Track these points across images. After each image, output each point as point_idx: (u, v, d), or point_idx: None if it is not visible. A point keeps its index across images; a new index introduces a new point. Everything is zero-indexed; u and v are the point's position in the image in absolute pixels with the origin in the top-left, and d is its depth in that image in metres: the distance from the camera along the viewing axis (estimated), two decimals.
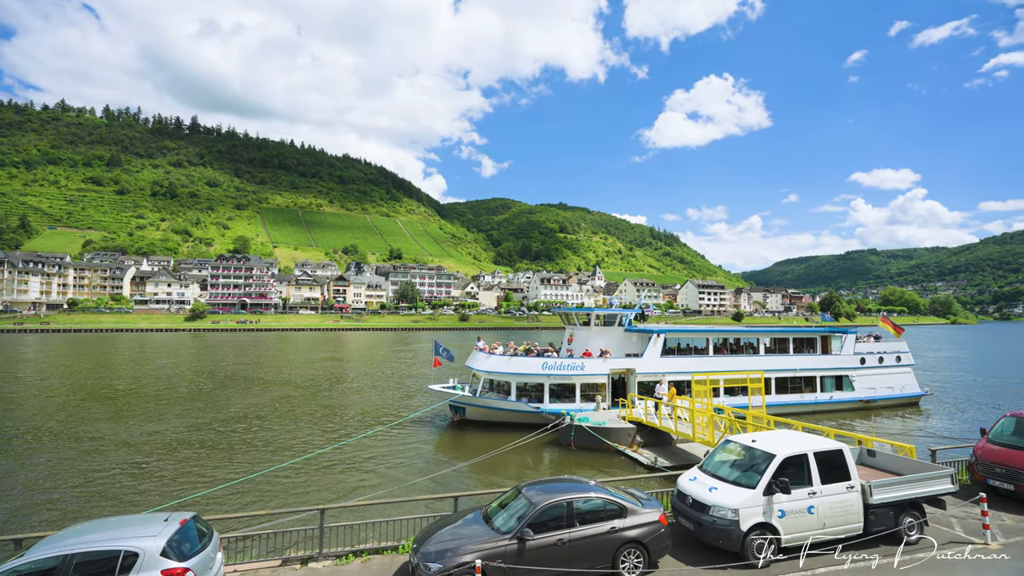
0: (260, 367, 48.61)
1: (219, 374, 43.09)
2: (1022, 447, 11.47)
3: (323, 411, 28.11)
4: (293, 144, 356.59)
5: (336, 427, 24.48)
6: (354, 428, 24.14)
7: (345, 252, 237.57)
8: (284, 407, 29.09)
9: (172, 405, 29.25)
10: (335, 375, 43.50)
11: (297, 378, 41.23)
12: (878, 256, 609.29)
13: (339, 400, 31.62)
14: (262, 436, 22.63)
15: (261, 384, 37.66)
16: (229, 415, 26.68)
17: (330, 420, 25.96)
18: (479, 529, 8.40)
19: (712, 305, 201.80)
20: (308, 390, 35.39)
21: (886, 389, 29.00)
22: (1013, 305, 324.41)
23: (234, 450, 20.40)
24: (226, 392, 33.93)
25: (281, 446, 21.01)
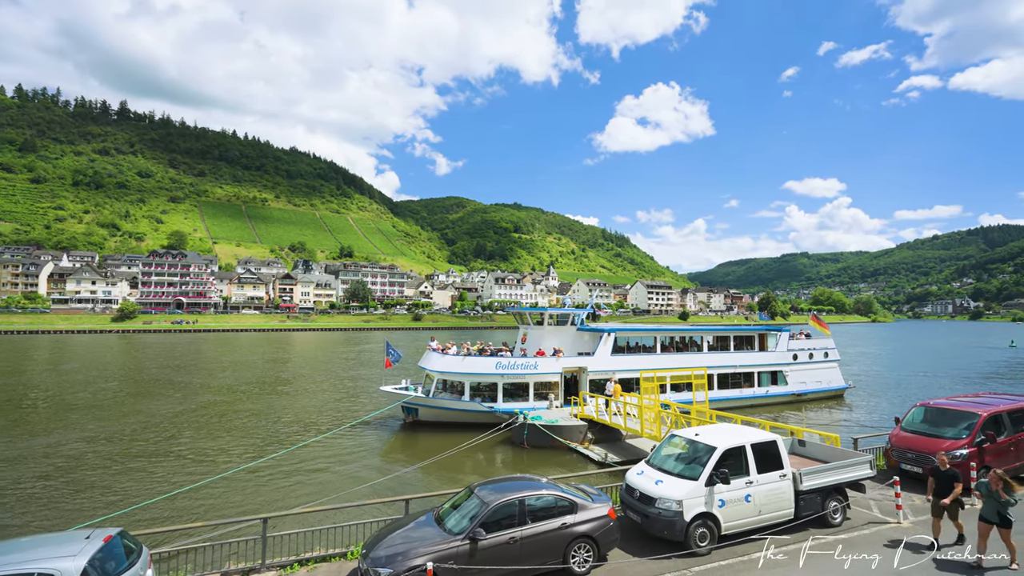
0: (192, 370, 45.79)
1: (140, 378, 40.09)
2: (929, 434, 12.64)
3: (264, 416, 26.88)
4: (236, 135, 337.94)
5: (279, 433, 23.47)
6: (299, 434, 23.25)
7: (292, 249, 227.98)
8: (219, 413, 27.56)
9: (78, 414, 26.82)
10: (279, 378, 41.69)
11: (235, 382, 39.18)
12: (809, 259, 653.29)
13: (283, 404, 30.33)
14: (195, 446, 21.33)
15: (191, 389, 35.48)
16: (149, 423, 24.95)
17: (272, 426, 24.86)
18: (431, 531, 8.32)
19: (660, 305, 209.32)
20: (247, 394, 33.71)
21: (815, 383, 31.17)
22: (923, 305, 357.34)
23: (157, 462, 19.13)
24: (146, 399, 31.64)
25: (217, 455, 19.91)
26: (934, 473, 9.49)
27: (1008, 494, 8.09)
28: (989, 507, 8.34)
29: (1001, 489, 8.16)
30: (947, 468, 9.38)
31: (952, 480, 9.14)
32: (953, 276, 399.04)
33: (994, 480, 8.29)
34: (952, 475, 9.21)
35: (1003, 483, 8.21)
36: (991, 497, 8.28)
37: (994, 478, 8.31)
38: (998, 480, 8.24)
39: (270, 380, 40.08)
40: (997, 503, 8.17)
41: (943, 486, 9.25)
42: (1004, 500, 8.09)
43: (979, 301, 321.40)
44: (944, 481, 9.26)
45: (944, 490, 9.21)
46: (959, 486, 9.04)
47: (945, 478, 9.26)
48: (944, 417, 12.80)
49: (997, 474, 8.32)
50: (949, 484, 9.16)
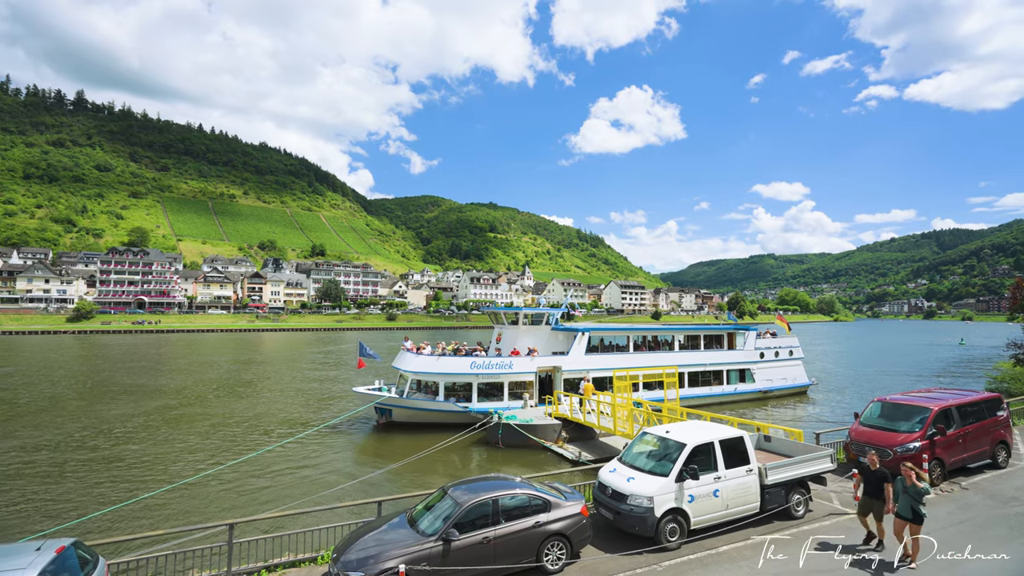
0: (151, 372, 44.10)
1: (93, 381, 38.29)
2: (887, 428, 13.22)
3: (230, 420, 26.11)
4: (202, 128, 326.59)
5: (245, 437, 22.85)
6: (267, 437, 22.68)
7: (262, 247, 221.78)
8: (180, 417, 26.65)
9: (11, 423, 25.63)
10: (246, 380, 40.56)
11: (199, 384, 37.93)
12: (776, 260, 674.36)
13: (250, 407, 29.52)
14: (154, 451, 20.57)
15: (148, 392, 34.18)
16: (100, 428, 23.95)
17: (238, 430, 24.18)
18: (404, 533, 8.25)
19: (633, 304, 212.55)
20: (212, 397, 32.68)
21: (781, 380, 32.22)
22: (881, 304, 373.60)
23: (113, 470, 18.37)
24: (97, 403, 30.36)
25: (178, 461, 19.24)
26: (863, 472, 9.51)
27: (920, 482, 8.30)
28: (904, 503, 8.43)
29: (913, 479, 8.35)
30: (877, 468, 9.32)
31: (882, 480, 9.12)
32: (908, 277, 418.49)
33: (907, 473, 8.41)
34: (882, 475, 9.17)
35: (915, 475, 8.35)
36: (906, 492, 8.38)
37: (907, 471, 8.41)
38: (909, 470, 8.39)
39: (236, 382, 38.94)
40: (912, 497, 8.28)
41: (873, 486, 9.24)
42: (917, 489, 8.24)
43: (932, 301, 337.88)
44: (874, 481, 9.25)
45: (874, 490, 9.21)
46: (890, 487, 8.99)
47: (875, 478, 9.23)
48: (899, 412, 13.41)
49: (908, 466, 8.43)
50: (879, 484, 9.14)
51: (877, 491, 9.14)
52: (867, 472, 9.45)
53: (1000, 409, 13.99)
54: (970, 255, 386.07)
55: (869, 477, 9.35)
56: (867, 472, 9.45)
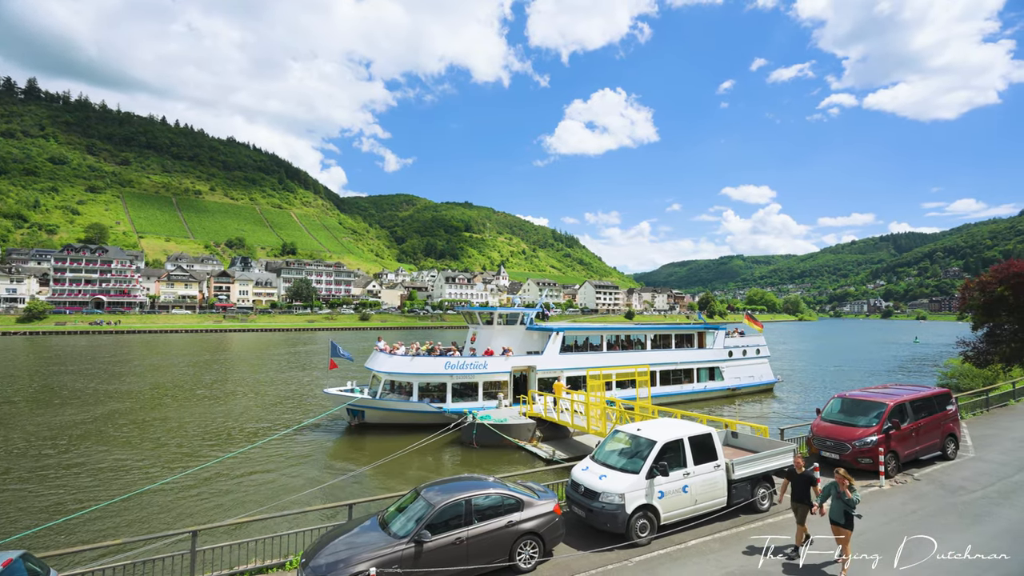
0: (106, 375, 42.27)
1: (38, 385, 36.41)
2: (846, 423, 13.78)
3: (195, 424, 25.28)
4: (166, 121, 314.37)
5: (211, 441, 22.17)
6: (234, 441, 22.05)
7: (229, 245, 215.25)
8: (139, 421, 25.66)
9: None
10: (213, 381, 39.31)
11: (157, 387, 36.57)
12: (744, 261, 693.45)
13: (216, 410, 28.64)
14: (111, 458, 19.74)
15: (103, 396, 32.78)
16: (51, 434, 22.88)
17: (203, 434, 23.43)
18: (375, 536, 8.15)
19: (608, 304, 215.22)
20: (176, 400, 31.56)
21: (748, 378, 33.16)
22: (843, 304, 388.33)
23: (67, 477, 17.57)
24: (46, 409, 29.00)
25: (137, 468, 18.51)
26: (789, 475, 9.34)
27: (851, 492, 8.11)
28: (836, 508, 8.26)
29: (846, 488, 8.13)
30: (803, 471, 9.14)
31: (808, 483, 8.97)
32: (868, 278, 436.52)
33: (840, 481, 8.22)
34: (808, 478, 9.00)
35: (848, 482, 8.18)
36: (838, 498, 8.22)
37: (840, 478, 8.25)
38: (843, 479, 8.20)
39: (200, 384, 37.68)
40: (844, 503, 8.13)
41: (799, 489, 9.06)
42: (848, 499, 8.05)
43: (890, 301, 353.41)
44: (800, 484, 9.06)
45: (800, 493, 9.02)
46: (816, 489, 8.88)
47: (801, 481, 9.06)
48: (858, 407, 13.99)
49: (841, 474, 8.28)
50: (805, 487, 8.99)
51: (803, 494, 8.99)
52: (793, 475, 9.25)
53: (950, 404, 14.75)
54: (924, 257, 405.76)
55: (795, 480, 9.15)
56: (793, 475, 9.25)
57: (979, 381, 26.99)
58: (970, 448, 14.94)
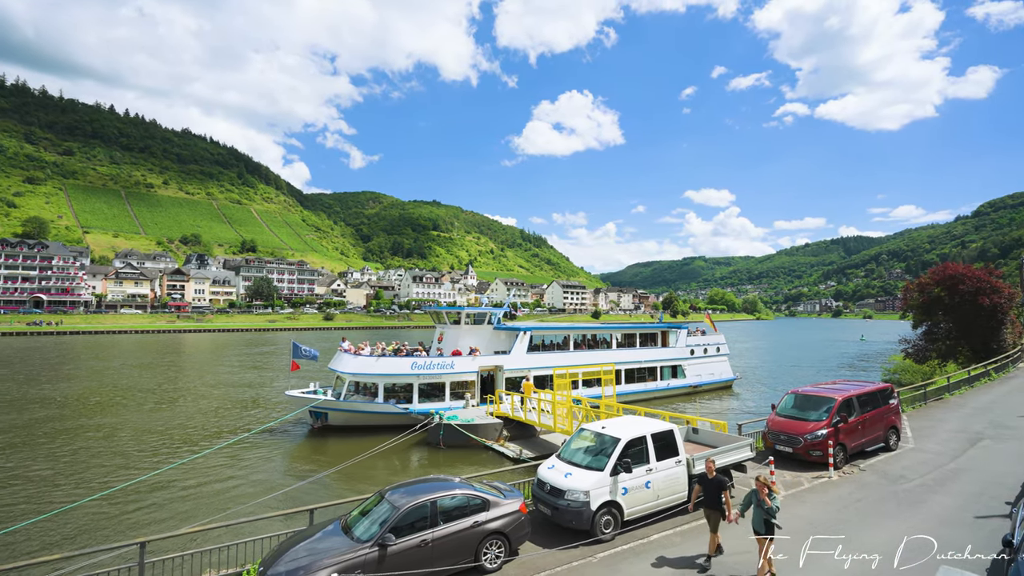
0: (39, 380, 39.72)
1: None
2: (799, 417, 14.42)
3: (146, 429, 24.08)
4: (114, 110, 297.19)
5: (163, 447, 21.17)
6: (189, 447, 21.13)
7: (184, 242, 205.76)
8: (77, 428, 24.24)
9: None
10: (163, 385, 37.52)
11: (101, 391, 34.63)
12: (706, 263, 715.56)
13: (168, 415, 27.36)
14: (54, 466, 18.58)
15: (34, 402, 30.83)
16: None
17: (155, 440, 22.35)
18: (338, 541, 7.97)
19: (575, 304, 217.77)
20: (122, 404, 29.96)
21: (709, 375, 34.25)
22: (797, 304, 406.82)
23: None
24: None
25: (75, 479, 17.49)
26: (701, 480, 9.03)
27: (771, 499, 7.79)
28: (757, 517, 7.89)
29: (766, 496, 7.79)
30: (714, 476, 8.85)
31: (719, 489, 8.65)
32: (820, 279, 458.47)
33: (760, 486, 7.88)
34: (719, 483, 8.69)
35: (767, 489, 7.87)
36: (758, 506, 7.86)
37: (759, 484, 7.93)
38: (763, 486, 7.86)
39: (151, 388, 35.88)
40: (764, 511, 7.77)
41: (711, 495, 8.74)
42: (768, 507, 7.72)
43: (840, 301, 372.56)
44: (711, 490, 8.73)
45: (712, 499, 8.71)
46: (727, 494, 8.66)
47: (712, 486, 8.73)
48: (809, 402, 14.67)
49: (760, 481, 7.95)
50: (717, 493, 8.66)
51: (715, 500, 8.66)
52: (704, 481, 8.93)
53: (892, 398, 15.68)
54: (870, 260, 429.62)
55: (706, 485, 8.84)
56: (704, 481, 8.93)
57: (918, 376, 28.77)
58: (910, 439, 15.91)
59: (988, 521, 9.96)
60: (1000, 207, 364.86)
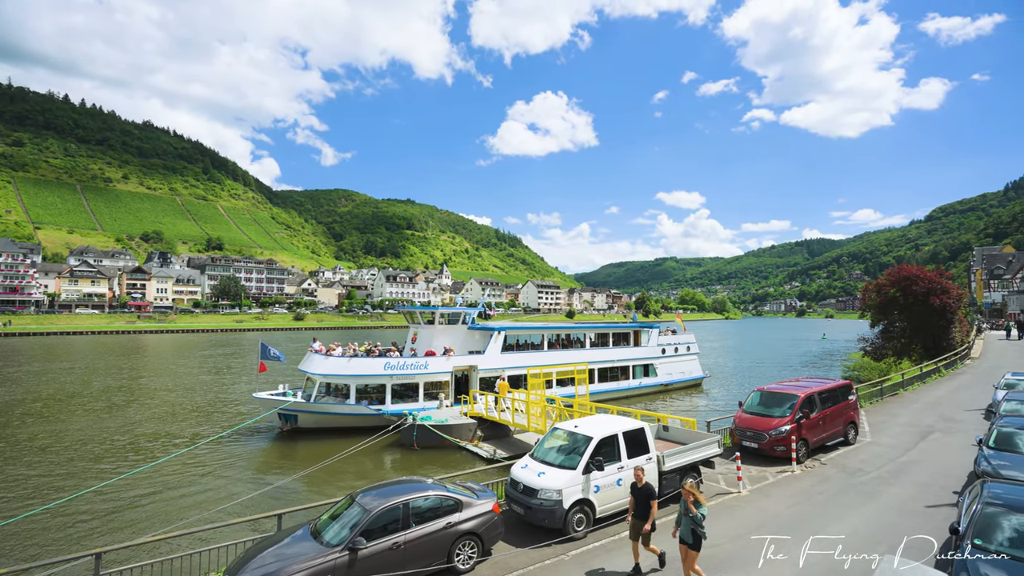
0: None
1: None
2: (764, 414, 14.89)
3: (101, 436, 23.06)
4: (68, 100, 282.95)
5: (122, 454, 20.32)
6: (149, 453, 20.33)
7: (146, 239, 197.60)
8: (20, 435, 23.06)
9: None
10: (122, 388, 35.98)
11: (52, 395, 33.00)
12: (677, 263, 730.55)
13: (126, 420, 26.27)
14: None
15: None
16: None
17: (113, 446, 21.43)
18: (307, 546, 7.79)
19: (549, 303, 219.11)
20: (77, 409, 28.61)
21: (680, 374, 35.00)
22: (764, 304, 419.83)
23: None
24: None
25: (22, 487, 16.63)
26: (632, 489, 8.43)
27: (697, 508, 7.47)
28: (685, 527, 7.53)
29: (692, 504, 7.48)
30: (643, 484, 8.29)
31: (648, 498, 8.15)
32: (785, 280, 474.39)
33: (686, 494, 7.55)
34: (647, 492, 8.20)
35: (693, 496, 7.52)
36: (685, 515, 7.53)
37: (685, 492, 7.58)
38: (688, 493, 7.53)
39: (109, 390, 34.36)
40: (691, 520, 7.45)
41: (641, 505, 8.24)
42: (694, 515, 7.42)
43: (804, 301, 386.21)
44: (641, 499, 8.23)
45: (641, 509, 8.22)
46: (655, 503, 8.16)
47: (641, 495, 8.22)
48: (774, 399, 15.16)
49: (687, 488, 7.59)
50: (645, 502, 8.15)
51: (643, 510, 8.21)
52: (634, 489, 8.39)
53: (851, 394, 16.36)
54: (832, 262, 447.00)
55: (636, 495, 8.34)
56: (634, 489, 8.39)
57: (875, 373, 30.09)
58: (867, 434, 16.63)
59: (938, 510, 10.51)
60: (950, 212, 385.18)
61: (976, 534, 6.84)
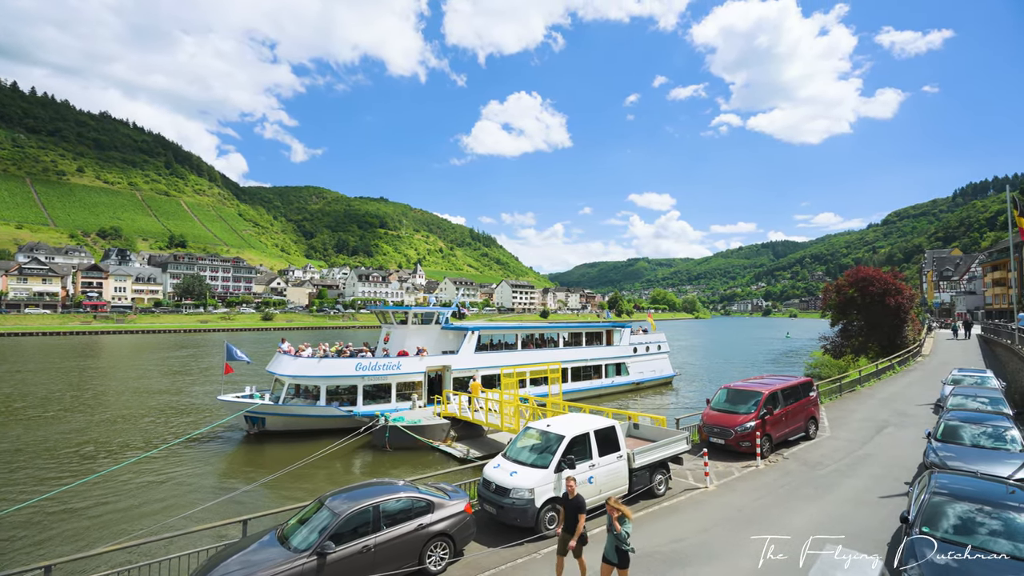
0: None
1: None
2: (730, 411, 15.32)
3: (55, 441, 21.93)
4: (17, 87, 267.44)
5: (76, 460, 19.37)
6: (106, 459, 19.45)
7: (103, 235, 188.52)
8: None
9: None
10: (76, 391, 34.29)
11: (9, 397, 31.23)
12: (649, 264, 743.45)
13: (83, 424, 25.07)
14: None
15: None
16: None
17: (67, 452, 20.41)
18: (273, 552, 7.61)
19: (524, 303, 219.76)
20: (26, 414, 27.13)
21: (651, 372, 35.66)
22: (731, 304, 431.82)
23: None
24: None
25: None
26: (563, 501, 7.89)
27: (622, 524, 7.01)
28: (609, 543, 7.13)
29: (616, 520, 7.02)
30: (574, 496, 7.75)
31: (576, 510, 7.66)
32: (752, 280, 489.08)
33: (610, 509, 7.09)
34: (577, 504, 7.68)
35: (618, 512, 7.04)
36: (610, 532, 7.11)
37: (610, 507, 7.10)
38: (613, 508, 7.06)
39: (58, 393, 32.68)
40: (615, 538, 7.03)
41: (570, 517, 7.74)
42: (618, 532, 6.97)
43: (769, 301, 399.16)
44: (570, 511, 7.72)
45: (571, 523, 7.69)
46: (583, 517, 7.65)
47: (571, 507, 7.71)
48: (739, 396, 15.62)
49: (611, 503, 7.12)
50: (574, 515, 7.66)
51: (573, 524, 7.71)
52: (564, 502, 7.83)
53: (812, 390, 17.01)
54: (796, 263, 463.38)
55: (565, 506, 7.87)
56: (564, 502, 7.83)
57: (835, 370, 31.36)
58: (827, 429, 17.33)
59: (891, 500, 11.04)
60: (904, 216, 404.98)
61: (924, 522, 7.23)
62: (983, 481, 8.11)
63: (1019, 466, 9.94)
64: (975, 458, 10.42)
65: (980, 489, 7.71)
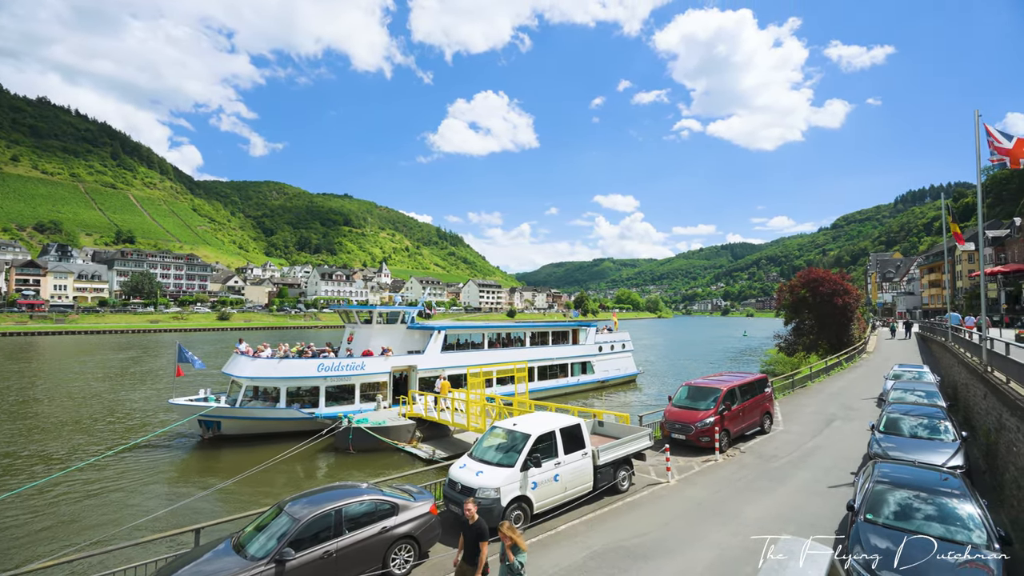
0: None
1: None
2: (691, 407, 15.78)
3: None
4: None
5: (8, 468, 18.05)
6: (40, 468, 18.21)
7: (40, 229, 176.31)
8: None
9: None
10: (8, 395, 31.95)
11: None
12: (613, 264, 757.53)
13: (15, 431, 23.38)
14: None
15: None
16: None
17: None
18: (228, 561, 7.31)
19: (491, 303, 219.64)
20: None
21: (615, 371, 36.33)
22: (693, 303, 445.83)
23: None
24: None
25: None
26: (463, 527, 7.22)
27: (515, 554, 6.46)
28: (501, 573, 6.63)
29: (508, 548, 6.47)
30: (474, 522, 7.03)
31: (477, 538, 6.98)
32: (712, 281, 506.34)
33: (503, 536, 6.52)
34: (477, 531, 6.99)
35: (511, 541, 6.46)
36: (502, 563, 6.59)
37: (502, 534, 6.53)
38: (506, 536, 6.49)
39: None
40: (508, 569, 6.49)
41: (470, 546, 7.10)
42: (510, 563, 6.43)
43: (728, 301, 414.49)
44: (470, 539, 7.08)
45: (468, 552, 7.10)
46: (485, 545, 6.95)
47: (471, 534, 7.04)
48: (700, 393, 16.13)
49: (503, 529, 6.56)
50: (474, 543, 7.01)
51: (472, 553, 7.07)
52: (464, 528, 7.17)
53: (767, 387, 17.74)
54: (752, 264, 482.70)
55: (465, 534, 7.18)
56: (464, 528, 7.17)
57: (788, 367, 32.85)
58: (780, 423, 18.10)
59: (838, 489, 11.64)
60: (852, 221, 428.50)
61: (868, 509, 7.65)
62: (920, 469, 8.66)
63: (951, 454, 10.68)
64: (913, 448, 11.11)
65: (917, 477, 8.22)
